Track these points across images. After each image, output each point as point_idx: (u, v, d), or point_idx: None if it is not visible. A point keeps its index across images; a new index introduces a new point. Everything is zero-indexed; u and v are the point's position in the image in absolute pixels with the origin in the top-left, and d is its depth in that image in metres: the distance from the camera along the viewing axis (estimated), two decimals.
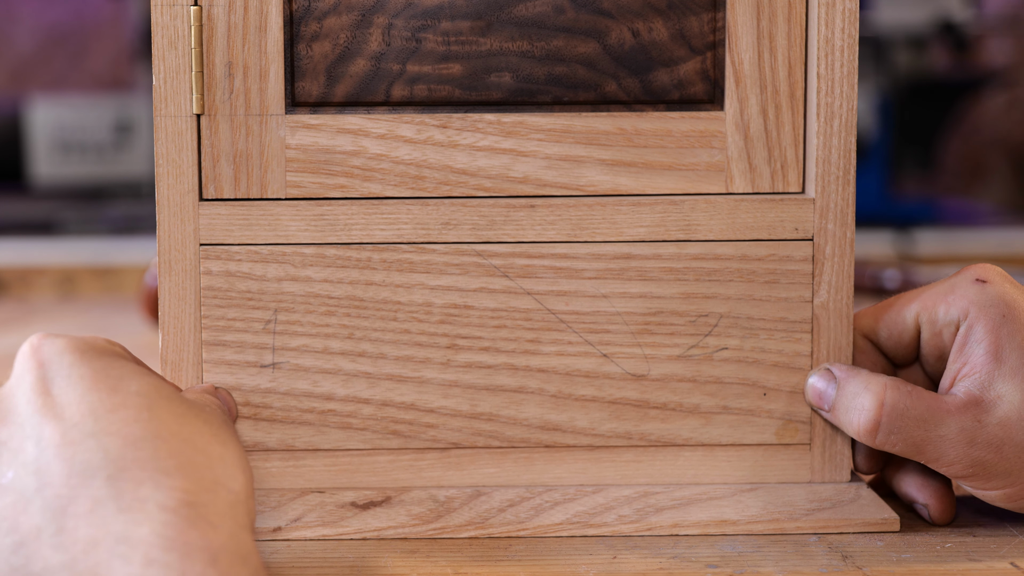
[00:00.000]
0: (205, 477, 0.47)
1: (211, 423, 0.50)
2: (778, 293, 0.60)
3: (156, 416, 0.48)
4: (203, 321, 0.60)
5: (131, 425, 0.47)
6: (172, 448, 0.47)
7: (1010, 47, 2.43)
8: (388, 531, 0.60)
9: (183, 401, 0.50)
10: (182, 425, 0.49)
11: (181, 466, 0.46)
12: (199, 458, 0.47)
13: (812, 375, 0.60)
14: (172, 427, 0.48)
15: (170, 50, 0.59)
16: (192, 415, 0.50)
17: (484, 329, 0.60)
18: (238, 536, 0.45)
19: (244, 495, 0.48)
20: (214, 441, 0.49)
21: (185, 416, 0.49)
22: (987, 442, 0.56)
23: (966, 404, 0.57)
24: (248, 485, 0.49)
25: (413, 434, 0.61)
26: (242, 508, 0.47)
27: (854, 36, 0.60)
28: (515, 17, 0.60)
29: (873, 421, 0.57)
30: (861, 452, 0.61)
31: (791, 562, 0.56)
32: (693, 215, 0.60)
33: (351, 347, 0.60)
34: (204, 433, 0.49)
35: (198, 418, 0.50)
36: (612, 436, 0.61)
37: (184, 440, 0.48)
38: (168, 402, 0.49)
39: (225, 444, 0.49)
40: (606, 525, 0.60)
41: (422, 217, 0.60)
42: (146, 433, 0.47)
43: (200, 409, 0.51)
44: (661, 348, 0.61)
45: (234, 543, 0.45)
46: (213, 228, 0.60)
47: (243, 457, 0.50)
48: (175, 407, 0.49)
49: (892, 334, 0.61)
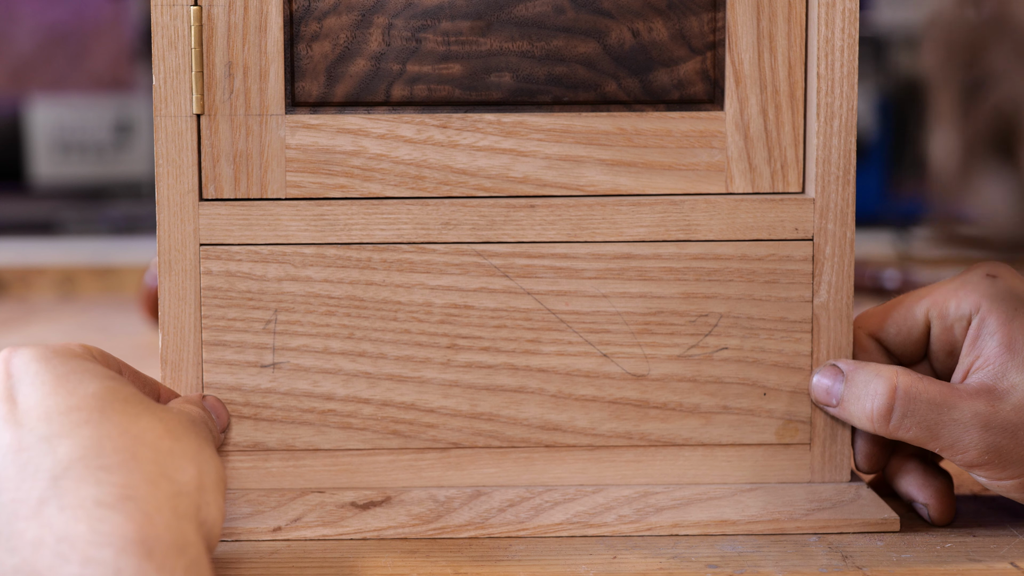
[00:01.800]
0: (148, 471, 0.47)
1: (167, 421, 0.50)
2: (778, 293, 0.60)
3: (107, 416, 0.48)
4: (203, 321, 0.60)
5: (82, 427, 0.47)
6: (118, 445, 0.47)
7: None
8: (388, 531, 0.60)
9: (140, 401, 0.50)
10: (133, 422, 0.48)
11: (124, 462, 0.46)
12: (145, 452, 0.47)
13: (817, 373, 0.60)
14: (122, 424, 0.48)
15: (170, 50, 0.59)
16: (147, 414, 0.49)
17: (484, 329, 0.60)
18: (176, 526, 0.45)
19: (191, 487, 0.48)
20: (166, 436, 0.49)
21: (139, 415, 0.49)
22: (1002, 427, 0.56)
23: (980, 391, 0.57)
24: (199, 477, 0.48)
25: (413, 434, 0.61)
26: (186, 500, 0.47)
27: (854, 36, 0.60)
28: (515, 17, 0.60)
29: (886, 405, 0.57)
30: (862, 451, 0.61)
31: (791, 562, 0.56)
32: (693, 215, 0.60)
33: (351, 347, 0.60)
34: (155, 429, 0.49)
35: (153, 416, 0.50)
36: (612, 436, 0.61)
37: (133, 436, 0.48)
38: (123, 403, 0.49)
39: (178, 439, 0.49)
40: (606, 525, 0.60)
41: (422, 217, 0.60)
42: (95, 432, 0.47)
43: (159, 409, 0.51)
44: (661, 348, 0.61)
45: (170, 534, 0.45)
46: (213, 228, 0.60)
47: (201, 451, 0.50)
48: (130, 407, 0.49)
49: (901, 331, 0.61)
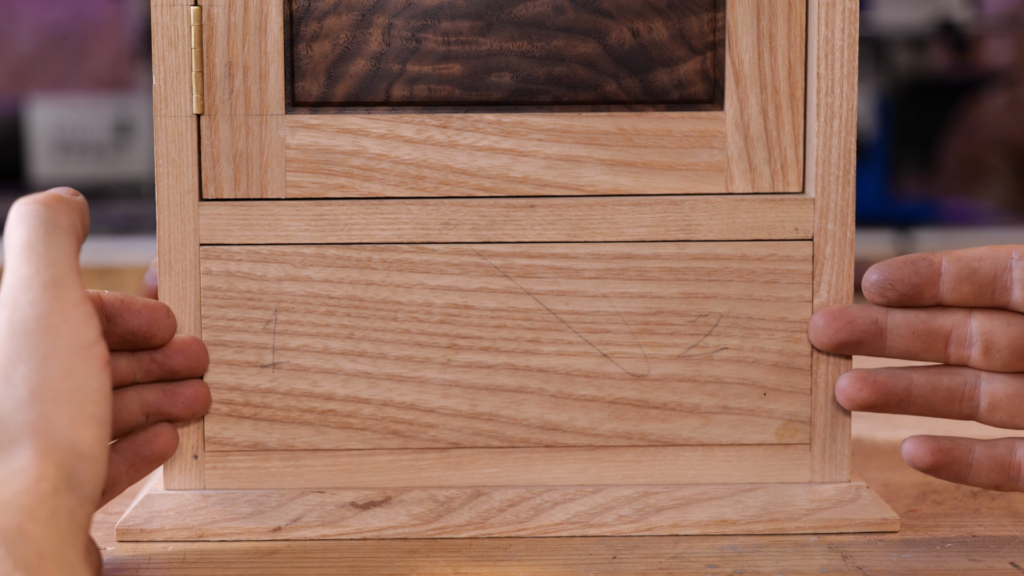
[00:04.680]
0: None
1: None
2: (778, 293, 0.60)
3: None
4: (203, 321, 0.60)
5: None
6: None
7: (1010, 47, 2.43)
8: (388, 531, 0.60)
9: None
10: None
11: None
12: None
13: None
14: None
15: (170, 50, 0.59)
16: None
17: (484, 329, 0.60)
18: None
19: None
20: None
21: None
22: None
23: None
24: None
25: (413, 434, 0.61)
26: None
27: (854, 36, 0.60)
28: (515, 17, 0.60)
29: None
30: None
31: (791, 562, 0.56)
32: (693, 215, 0.60)
33: (351, 347, 0.60)
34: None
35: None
36: (612, 436, 0.61)
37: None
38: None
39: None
40: (606, 525, 0.60)
41: (422, 217, 0.60)
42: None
43: None
44: (661, 348, 0.61)
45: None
46: (213, 228, 0.60)
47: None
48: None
49: None
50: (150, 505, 0.60)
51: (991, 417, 0.59)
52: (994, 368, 0.59)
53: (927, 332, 0.59)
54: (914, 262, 0.59)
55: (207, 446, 0.60)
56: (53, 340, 0.46)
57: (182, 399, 0.58)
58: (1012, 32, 2.37)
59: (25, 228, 0.47)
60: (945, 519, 0.62)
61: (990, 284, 0.58)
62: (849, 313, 0.59)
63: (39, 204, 0.48)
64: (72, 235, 0.48)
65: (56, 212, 0.48)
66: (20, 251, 0.47)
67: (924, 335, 0.59)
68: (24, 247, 0.47)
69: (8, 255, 0.47)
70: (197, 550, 0.58)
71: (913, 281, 0.58)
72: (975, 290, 0.58)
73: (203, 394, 0.59)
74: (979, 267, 0.58)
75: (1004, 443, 0.59)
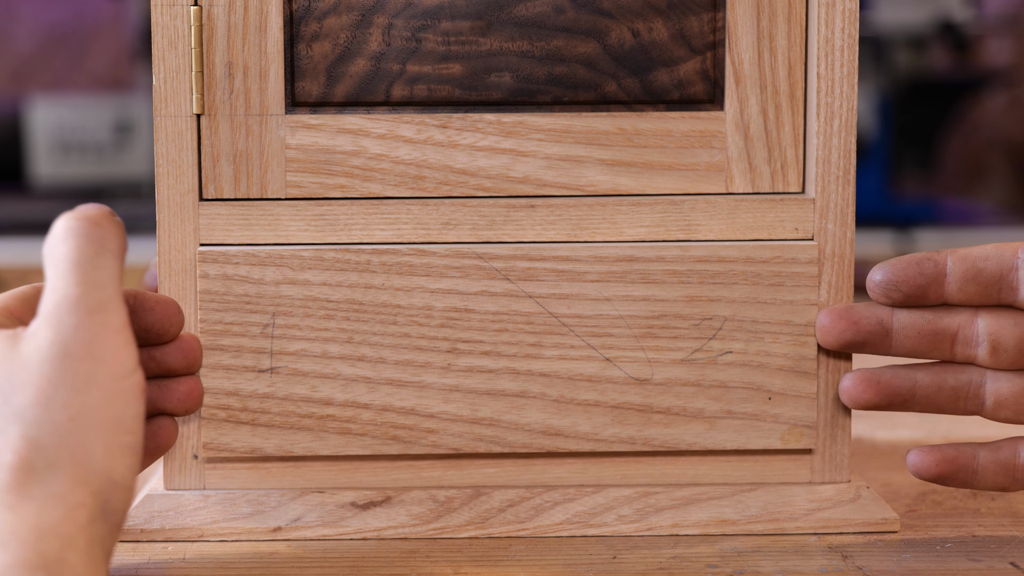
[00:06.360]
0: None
1: (22, 449, 0.45)
2: (783, 296, 0.60)
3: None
4: (200, 325, 0.60)
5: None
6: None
7: (1010, 47, 2.43)
8: (388, 531, 0.60)
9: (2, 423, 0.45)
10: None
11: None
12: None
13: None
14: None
15: (170, 50, 0.59)
16: None
17: (485, 333, 0.60)
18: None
19: (16, 561, 0.43)
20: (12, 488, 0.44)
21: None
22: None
23: None
24: (39, 525, 0.44)
25: (413, 439, 0.60)
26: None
27: (854, 36, 0.59)
28: (515, 17, 0.60)
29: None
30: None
31: (791, 562, 0.56)
32: (693, 215, 0.60)
33: (350, 351, 0.60)
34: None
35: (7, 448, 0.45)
36: (615, 441, 0.61)
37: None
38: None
39: (31, 470, 0.44)
40: (606, 525, 0.60)
41: (422, 217, 0.60)
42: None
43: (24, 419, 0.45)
44: (664, 352, 0.60)
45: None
46: (213, 228, 0.60)
47: (63, 459, 0.45)
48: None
49: None
50: (150, 505, 0.60)
51: (996, 414, 0.59)
52: (1001, 367, 0.58)
53: (933, 332, 0.59)
54: (919, 262, 0.58)
55: (204, 452, 0.60)
56: (94, 367, 0.46)
57: (177, 395, 0.58)
58: (1012, 32, 2.37)
59: (74, 245, 0.47)
60: (945, 519, 0.62)
61: (996, 283, 0.58)
62: (854, 313, 0.59)
63: (89, 221, 0.48)
64: (118, 257, 0.48)
65: (105, 232, 0.48)
66: (68, 269, 0.47)
67: (930, 335, 0.59)
68: (72, 265, 0.47)
69: (53, 269, 0.47)
70: (197, 550, 0.58)
71: (918, 282, 0.58)
72: (981, 290, 0.58)
73: (197, 391, 0.59)
74: (985, 267, 0.58)
75: (1007, 445, 0.59)
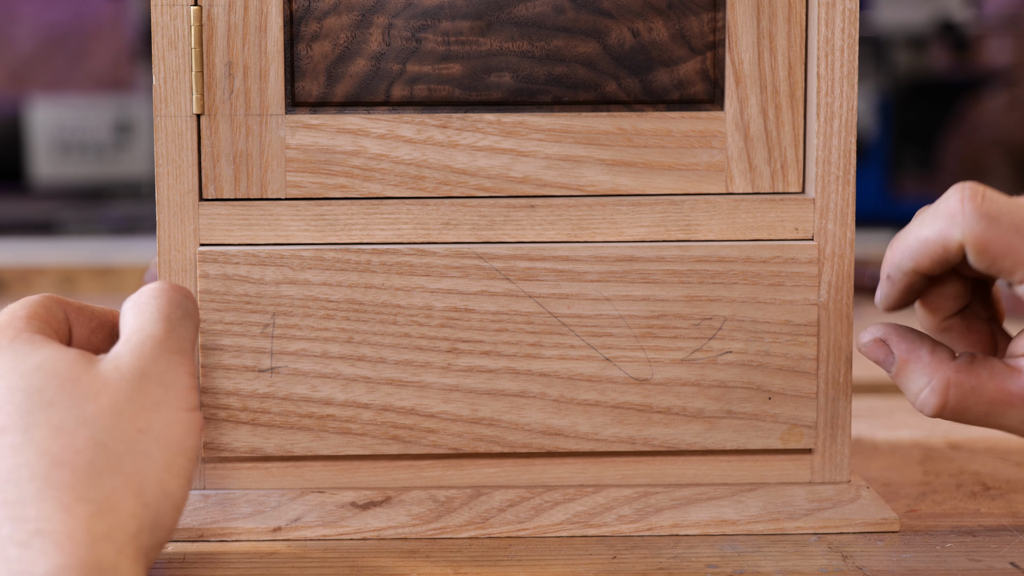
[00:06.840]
0: (62, 498, 0.45)
1: (93, 422, 0.48)
2: (783, 296, 0.60)
3: (29, 435, 0.47)
4: (200, 325, 0.60)
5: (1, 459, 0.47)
6: (35, 471, 0.46)
7: (1010, 47, 2.43)
8: (388, 531, 0.60)
9: (70, 398, 0.49)
10: (54, 439, 0.47)
11: (39, 491, 0.46)
12: (61, 476, 0.46)
13: (866, 336, 0.58)
14: (43, 444, 0.47)
15: (170, 50, 0.59)
16: (72, 418, 0.48)
17: (485, 333, 0.60)
18: (90, 551, 0.44)
19: (114, 500, 0.47)
20: (87, 448, 0.48)
21: (62, 424, 0.48)
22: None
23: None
24: (127, 485, 0.47)
25: (413, 439, 0.60)
26: (105, 519, 0.46)
27: (854, 36, 0.59)
28: (515, 17, 0.60)
29: (938, 406, 0.55)
30: (886, 297, 0.58)
31: (791, 562, 0.56)
32: (693, 215, 0.60)
33: (350, 351, 0.60)
34: (76, 442, 0.48)
35: (78, 422, 0.48)
36: (615, 441, 0.61)
37: (51, 458, 0.47)
38: (48, 409, 0.48)
39: (102, 447, 0.48)
40: (606, 525, 0.60)
41: (422, 217, 0.60)
42: (13, 463, 0.47)
43: (91, 405, 0.49)
44: (664, 352, 0.60)
45: (82, 562, 0.44)
46: (213, 228, 0.60)
47: (132, 449, 0.48)
48: (55, 414, 0.48)
49: None
50: None
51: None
52: None
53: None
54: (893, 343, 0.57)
55: (204, 452, 0.60)
56: (165, 393, 0.50)
57: None
58: (1012, 32, 2.37)
59: (166, 302, 0.53)
60: (945, 519, 0.62)
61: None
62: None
63: (180, 291, 0.54)
64: (197, 328, 0.55)
65: (191, 304, 0.54)
66: (157, 318, 0.52)
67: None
68: (161, 316, 0.53)
69: (140, 316, 0.53)
70: (197, 550, 0.58)
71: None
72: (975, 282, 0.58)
73: None
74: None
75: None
